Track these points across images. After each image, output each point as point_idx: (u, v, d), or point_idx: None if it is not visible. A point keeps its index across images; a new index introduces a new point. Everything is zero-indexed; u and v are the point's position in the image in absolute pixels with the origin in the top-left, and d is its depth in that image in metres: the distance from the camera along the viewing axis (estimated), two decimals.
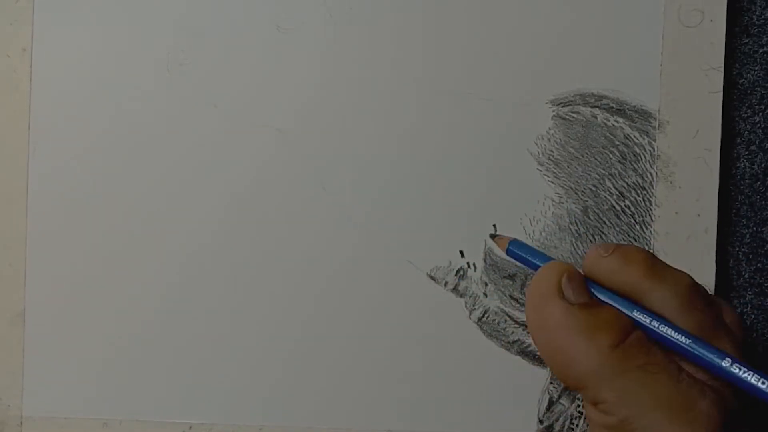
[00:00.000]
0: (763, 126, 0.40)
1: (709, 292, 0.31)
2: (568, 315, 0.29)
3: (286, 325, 0.40)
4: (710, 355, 0.28)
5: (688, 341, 0.28)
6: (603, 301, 0.30)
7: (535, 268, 0.32)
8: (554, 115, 0.40)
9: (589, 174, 0.40)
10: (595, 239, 0.39)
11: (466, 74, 0.40)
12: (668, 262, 0.33)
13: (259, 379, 0.40)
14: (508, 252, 0.33)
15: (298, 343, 0.40)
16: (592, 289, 0.30)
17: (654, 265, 0.30)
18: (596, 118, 0.40)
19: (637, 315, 0.29)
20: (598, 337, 0.28)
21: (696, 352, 0.28)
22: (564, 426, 0.40)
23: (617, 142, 0.39)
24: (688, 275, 0.30)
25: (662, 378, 0.28)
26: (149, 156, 0.41)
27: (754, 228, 0.40)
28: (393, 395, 0.40)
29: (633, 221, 0.39)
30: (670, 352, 0.29)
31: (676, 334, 0.29)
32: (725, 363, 0.28)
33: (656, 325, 0.29)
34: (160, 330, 0.41)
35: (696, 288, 0.30)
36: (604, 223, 0.39)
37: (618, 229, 0.39)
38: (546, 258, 0.32)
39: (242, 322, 0.41)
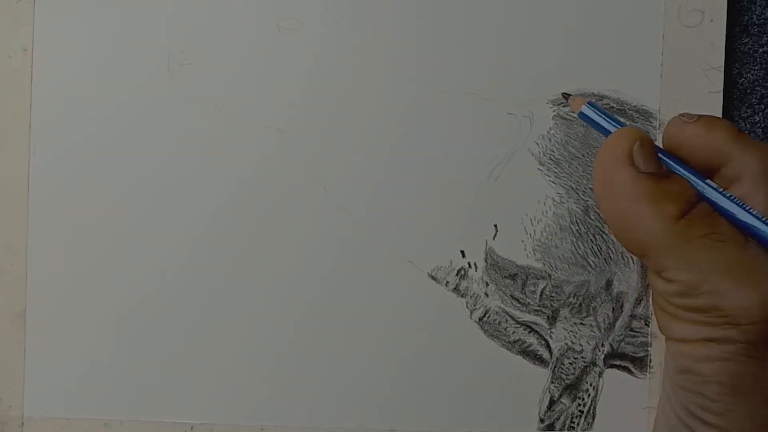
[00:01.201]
0: (763, 126, 0.40)
1: None
2: (636, 182, 0.29)
3: (287, 325, 0.40)
4: None
5: (756, 214, 0.28)
6: (674, 172, 0.30)
7: (606, 134, 0.32)
8: (555, 115, 0.40)
9: (590, 174, 0.40)
10: (596, 238, 0.40)
11: (466, 74, 0.40)
12: None
13: (260, 379, 0.40)
14: (580, 115, 0.33)
15: (299, 343, 0.40)
16: (666, 158, 0.30)
17: (739, 132, 0.30)
18: None
19: (708, 185, 0.29)
20: (664, 206, 0.29)
21: (763, 226, 0.28)
22: (565, 425, 0.40)
23: None
24: None
25: (727, 245, 0.28)
26: (150, 156, 0.41)
27: None
28: (393, 395, 0.40)
29: None
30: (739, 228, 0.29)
31: (744, 206, 0.29)
32: None
33: (727, 196, 0.29)
34: (161, 330, 0.41)
35: None
36: (605, 222, 0.40)
37: None
38: (620, 123, 0.32)
39: (243, 322, 0.41)
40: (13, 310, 0.41)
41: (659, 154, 0.30)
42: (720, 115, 0.39)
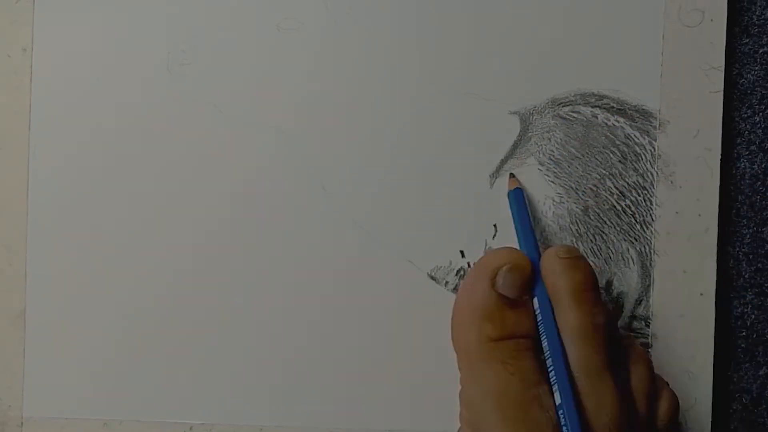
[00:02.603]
0: (763, 126, 0.40)
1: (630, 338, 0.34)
2: (482, 296, 0.32)
3: (287, 325, 0.40)
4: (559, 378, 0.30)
5: (564, 375, 0.30)
6: (529, 306, 0.32)
7: (514, 222, 0.36)
8: (555, 115, 0.40)
9: (589, 174, 0.40)
10: (595, 239, 0.40)
11: (466, 74, 0.40)
12: (669, 262, 0.33)
13: (259, 379, 0.40)
14: (509, 195, 0.38)
15: (299, 343, 0.40)
16: (535, 292, 0.33)
17: (586, 288, 0.32)
18: (597, 117, 0.40)
19: (546, 320, 0.32)
20: (485, 326, 0.32)
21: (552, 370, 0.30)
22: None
23: (618, 142, 0.40)
24: (613, 326, 0.33)
25: (515, 379, 0.30)
26: (149, 156, 0.41)
27: (755, 228, 0.40)
28: (393, 395, 0.40)
29: (633, 221, 0.39)
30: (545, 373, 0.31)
31: (562, 363, 0.31)
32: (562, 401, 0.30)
33: (551, 354, 0.31)
34: (160, 330, 0.41)
35: (603, 329, 0.31)
36: (605, 222, 0.39)
37: (619, 228, 0.39)
38: (524, 233, 0.35)
39: (242, 322, 0.41)
40: (12, 310, 0.41)
41: (534, 286, 0.33)
42: (720, 116, 0.39)
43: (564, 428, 0.29)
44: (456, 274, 0.40)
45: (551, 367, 0.31)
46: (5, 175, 0.41)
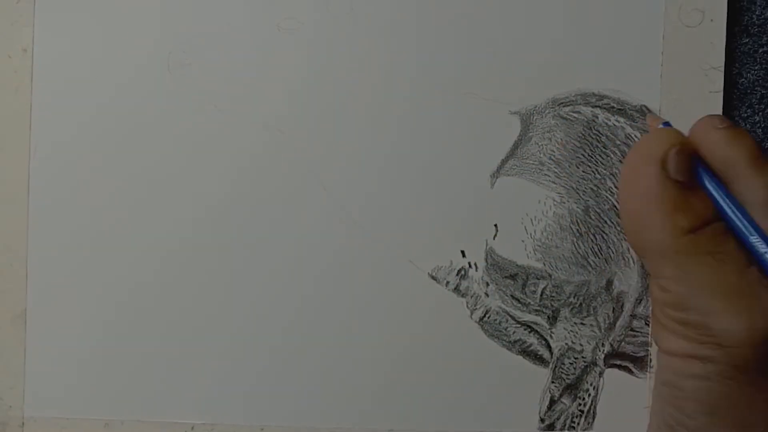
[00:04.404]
0: (763, 126, 0.40)
1: None
2: (660, 185, 0.29)
3: (287, 325, 0.40)
4: None
5: (758, 235, 0.28)
6: (701, 185, 0.29)
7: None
8: (555, 115, 0.40)
9: (590, 174, 0.40)
10: (596, 238, 0.40)
11: (466, 74, 0.40)
12: None
13: (261, 379, 0.41)
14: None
15: (299, 343, 0.40)
16: (701, 170, 0.30)
17: (759, 155, 0.29)
18: (597, 117, 0.40)
19: (730, 202, 0.29)
20: (678, 217, 0.28)
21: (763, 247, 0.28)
22: (565, 424, 0.40)
23: (618, 142, 0.40)
24: None
25: (727, 266, 0.28)
26: (150, 156, 0.41)
27: None
28: (394, 395, 0.40)
29: None
30: (746, 251, 0.29)
31: (759, 230, 0.28)
32: None
33: (745, 219, 0.28)
34: (161, 330, 0.41)
35: None
36: (606, 222, 0.40)
37: (619, 228, 0.39)
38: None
39: (243, 323, 0.41)
40: (13, 310, 0.41)
41: (699, 167, 0.30)
42: None
43: None
44: (456, 274, 0.40)
45: (751, 245, 0.28)
46: (5, 175, 0.41)
